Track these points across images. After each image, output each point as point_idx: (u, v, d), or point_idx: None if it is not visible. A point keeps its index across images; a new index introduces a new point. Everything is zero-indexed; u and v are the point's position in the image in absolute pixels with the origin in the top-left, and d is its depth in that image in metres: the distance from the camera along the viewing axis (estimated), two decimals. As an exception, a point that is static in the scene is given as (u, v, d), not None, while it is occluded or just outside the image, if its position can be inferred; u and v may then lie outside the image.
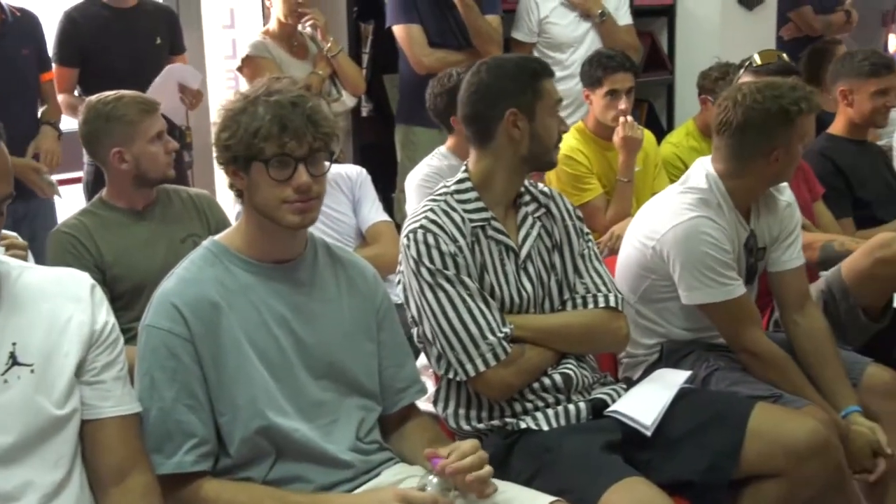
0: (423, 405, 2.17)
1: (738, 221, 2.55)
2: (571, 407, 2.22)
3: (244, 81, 4.02)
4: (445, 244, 2.15)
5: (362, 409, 1.96)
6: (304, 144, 1.80)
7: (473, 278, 2.17)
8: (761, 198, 2.63)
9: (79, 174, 3.86)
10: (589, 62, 3.67)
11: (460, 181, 2.26)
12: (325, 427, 1.90)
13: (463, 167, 2.29)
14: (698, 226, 2.46)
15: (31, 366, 1.60)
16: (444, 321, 2.14)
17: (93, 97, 2.76)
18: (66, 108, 3.81)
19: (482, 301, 2.16)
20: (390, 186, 4.23)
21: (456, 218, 2.19)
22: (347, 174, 3.27)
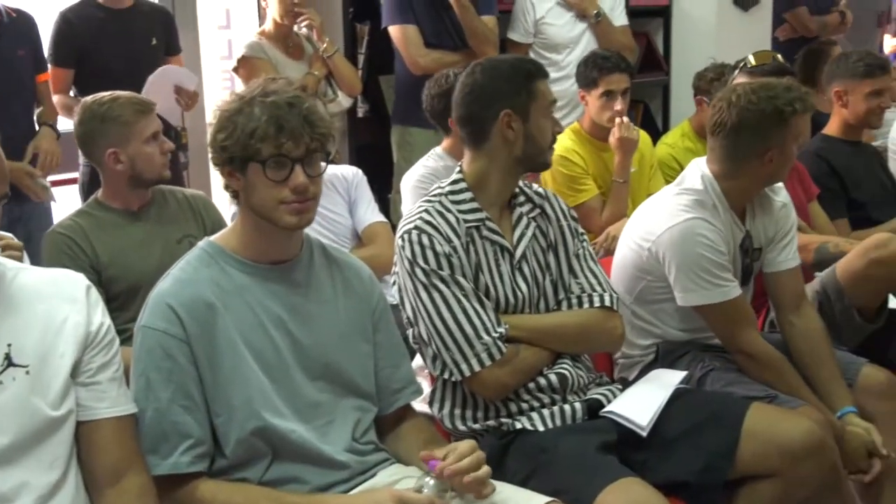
0: (419, 406, 2.17)
1: (734, 222, 2.56)
2: (567, 407, 2.22)
3: (240, 82, 4.02)
4: (440, 244, 2.15)
5: (358, 409, 1.96)
6: (300, 145, 1.80)
7: (468, 278, 2.17)
8: (757, 198, 2.63)
9: (74, 175, 3.85)
10: (584, 63, 3.67)
11: (455, 182, 2.26)
12: (321, 428, 1.89)
13: (457, 168, 2.29)
14: (694, 227, 2.46)
15: (26, 367, 1.60)
16: (439, 321, 2.14)
17: (88, 98, 2.75)
18: (62, 108, 3.80)
19: (477, 301, 2.16)
20: (386, 187, 4.23)
21: (450, 218, 2.19)
22: (343, 175, 3.27)
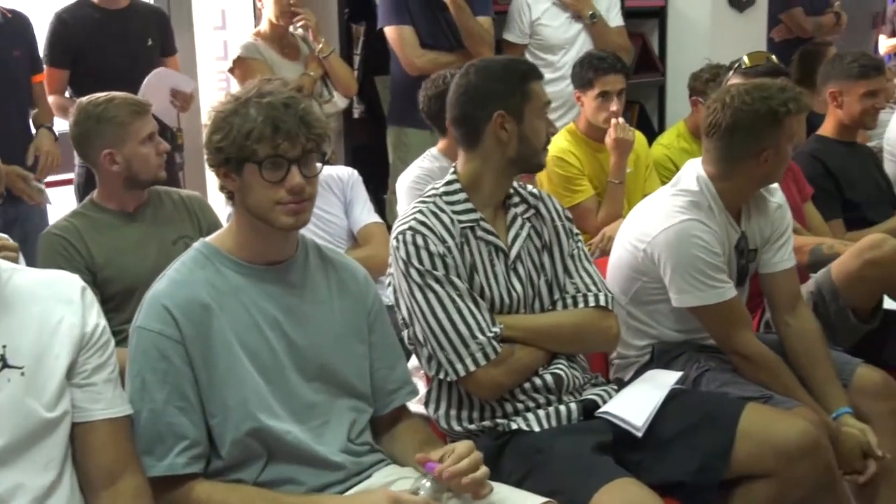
0: (415, 407, 2.17)
1: (729, 223, 2.56)
2: (563, 408, 2.22)
3: (235, 83, 4.02)
4: (434, 245, 2.15)
5: (354, 410, 1.96)
6: (297, 146, 1.80)
7: (463, 279, 2.17)
8: (752, 199, 2.63)
9: (70, 176, 3.85)
10: (580, 64, 3.67)
11: (449, 183, 2.26)
12: (317, 429, 1.89)
13: (452, 169, 2.30)
14: (689, 229, 2.46)
15: (21, 368, 1.60)
16: (434, 322, 2.14)
17: (83, 98, 2.75)
18: (57, 109, 3.80)
19: (471, 301, 2.16)
20: (382, 188, 4.23)
21: (445, 219, 2.20)
22: (339, 175, 3.27)
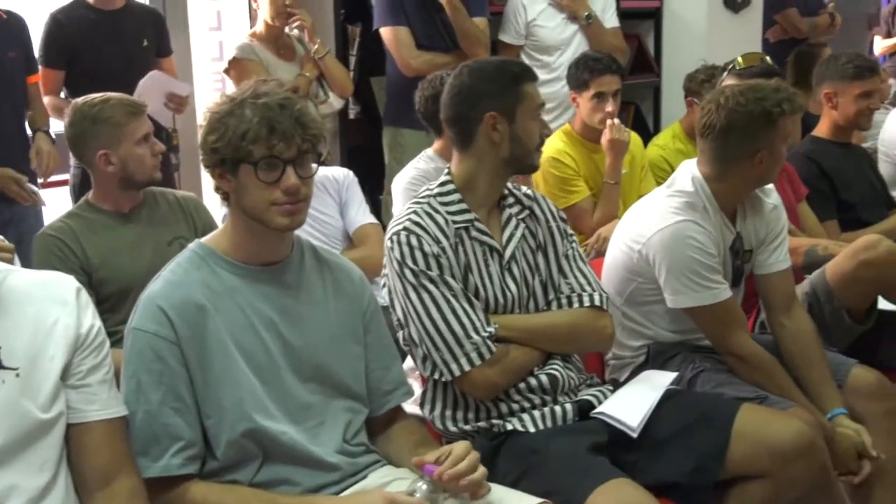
0: (410, 407, 2.17)
1: (724, 224, 2.56)
2: (558, 408, 2.22)
3: (231, 84, 4.01)
4: (428, 245, 2.15)
5: (349, 411, 1.96)
6: (292, 146, 1.80)
7: (457, 279, 2.17)
8: (747, 200, 2.63)
9: (65, 177, 3.85)
10: (575, 65, 3.67)
11: (443, 184, 2.26)
12: (312, 430, 1.89)
13: (446, 170, 2.30)
14: (684, 230, 2.46)
15: (16, 369, 1.60)
16: (429, 322, 2.14)
17: (79, 99, 2.74)
18: (52, 110, 3.80)
19: (466, 301, 2.16)
20: (378, 189, 4.23)
21: (439, 219, 2.20)
22: (334, 176, 3.27)
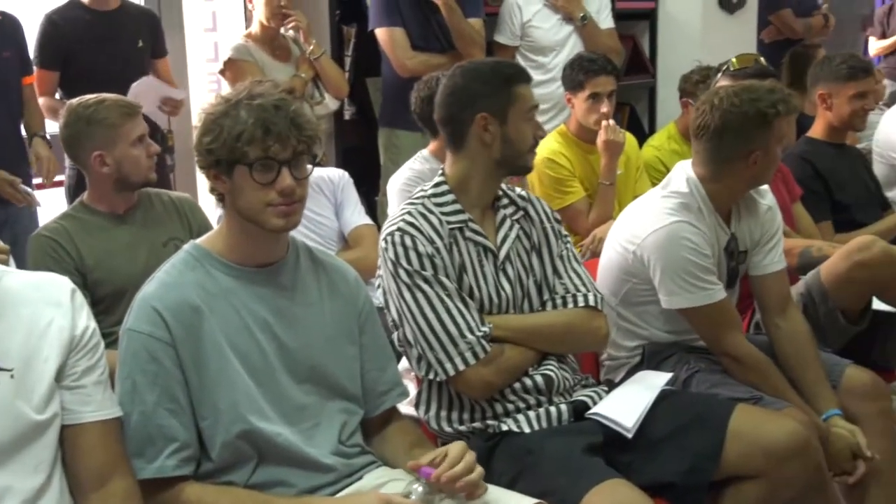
0: (405, 408, 2.17)
1: (719, 225, 2.56)
2: (553, 409, 2.23)
3: (226, 84, 4.01)
4: (423, 245, 2.15)
5: (344, 412, 1.96)
6: (287, 147, 1.80)
7: (451, 279, 2.17)
8: (742, 201, 2.63)
9: (60, 178, 3.84)
10: (571, 66, 3.67)
11: (437, 185, 2.26)
12: (308, 431, 1.89)
13: (440, 171, 2.30)
14: (678, 231, 2.46)
15: (10, 371, 1.60)
16: (423, 321, 2.15)
17: (74, 100, 2.74)
18: (48, 111, 3.79)
19: (460, 301, 2.16)
20: (373, 190, 4.23)
21: (433, 220, 2.20)
22: (329, 177, 3.27)
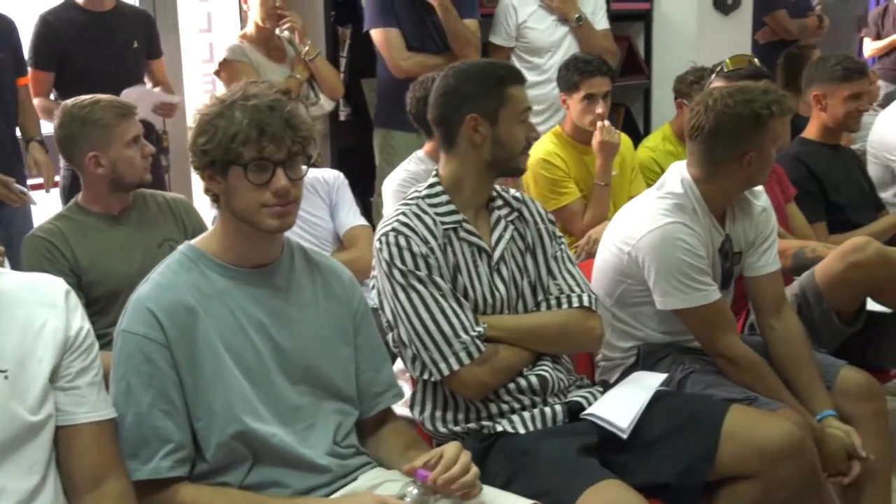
0: (400, 409, 2.17)
1: (713, 226, 2.56)
2: (548, 410, 2.23)
3: (221, 85, 4.01)
4: (417, 245, 2.16)
5: (339, 413, 1.96)
6: (282, 148, 1.80)
7: (446, 279, 2.18)
8: (737, 202, 2.63)
9: (55, 178, 3.83)
10: (566, 67, 3.67)
11: (431, 185, 2.27)
12: (302, 432, 1.89)
13: (434, 172, 2.30)
14: (673, 232, 2.46)
15: (4, 372, 1.59)
16: (418, 321, 2.15)
17: (68, 101, 2.74)
18: (42, 112, 3.79)
19: (455, 301, 2.17)
20: (369, 191, 4.23)
21: (427, 220, 2.20)
22: (324, 178, 3.27)
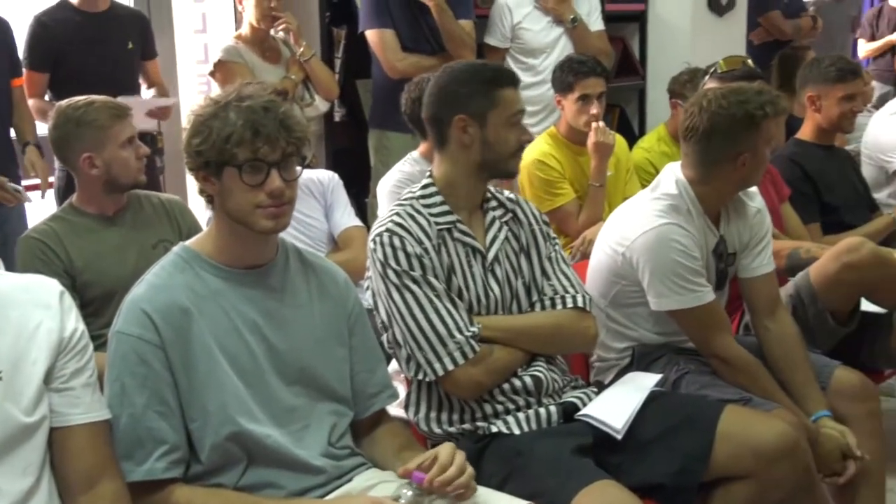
0: (395, 410, 2.17)
1: (708, 227, 2.56)
2: (542, 410, 2.23)
3: (216, 86, 4.01)
4: (411, 246, 2.16)
5: (334, 414, 1.96)
6: (277, 149, 1.80)
7: (440, 279, 2.18)
8: (731, 203, 2.64)
9: (50, 179, 3.83)
10: (560, 67, 3.67)
11: (425, 186, 2.27)
12: (297, 433, 1.89)
13: (428, 172, 2.30)
14: (667, 233, 2.46)
15: (-1, 373, 1.60)
16: (412, 322, 2.15)
17: (63, 102, 2.74)
18: (37, 113, 3.79)
19: (449, 301, 2.17)
20: (364, 191, 4.23)
21: (422, 221, 2.20)
22: (319, 179, 3.26)
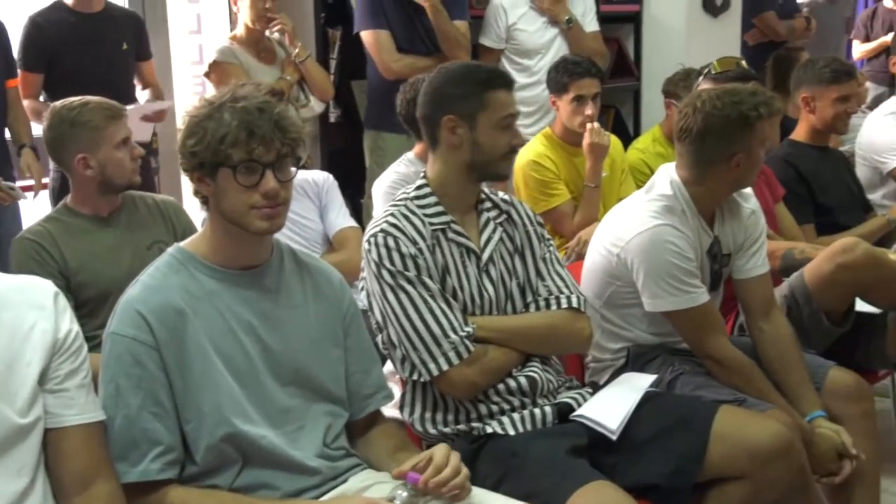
0: (389, 411, 2.17)
1: (702, 228, 2.56)
2: (537, 411, 2.23)
3: (211, 87, 4.00)
4: (406, 246, 2.16)
5: (329, 415, 1.96)
6: (271, 150, 1.80)
7: (435, 280, 2.18)
8: (726, 204, 2.64)
9: (45, 180, 3.83)
10: (555, 68, 3.67)
11: (419, 187, 2.27)
12: (292, 434, 1.89)
13: (422, 173, 2.31)
14: (662, 234, 2.46)
15: (-8, 374, 1.59)
16: (407, 322, 2.15)
17: (57, 103, 2.73)
18: (32, 113, 3.79)
19: (443, 301, 2.17)
20: (359, 192, 4.23)
21: (416, 221, 2.21)
22: (314, 180, 3.26)
